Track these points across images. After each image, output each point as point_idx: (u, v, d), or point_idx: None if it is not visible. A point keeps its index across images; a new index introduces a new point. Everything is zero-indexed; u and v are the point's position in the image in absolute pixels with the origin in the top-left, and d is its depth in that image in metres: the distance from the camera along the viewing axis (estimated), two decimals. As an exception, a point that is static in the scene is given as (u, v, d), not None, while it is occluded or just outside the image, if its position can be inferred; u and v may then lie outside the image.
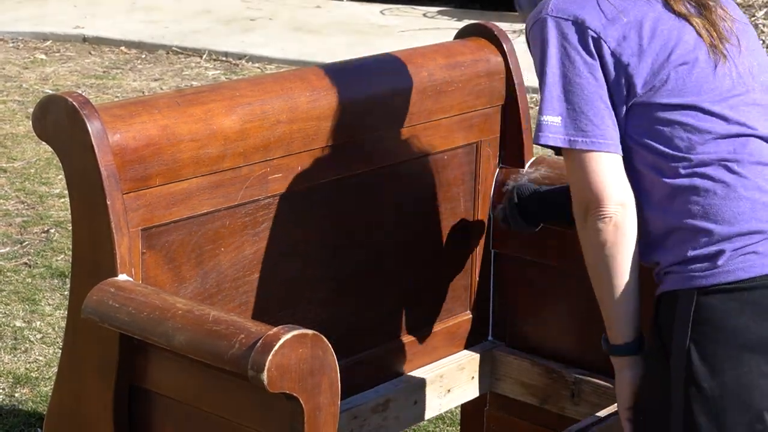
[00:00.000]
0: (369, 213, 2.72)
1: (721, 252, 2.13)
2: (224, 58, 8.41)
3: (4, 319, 4.33)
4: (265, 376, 1.94)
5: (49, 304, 4.46)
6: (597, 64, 2.18)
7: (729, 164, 2.14)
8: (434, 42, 3.04)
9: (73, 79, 7.83)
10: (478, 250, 2.96)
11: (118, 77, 7.89)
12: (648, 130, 2.18)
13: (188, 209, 2.37)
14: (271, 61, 8.33)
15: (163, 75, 7.99)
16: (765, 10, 8.86)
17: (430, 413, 2.94)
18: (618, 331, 2.24)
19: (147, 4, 9.86)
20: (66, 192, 3.84)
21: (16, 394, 3.85)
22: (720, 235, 2.13)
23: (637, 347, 2.25)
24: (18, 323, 4.30)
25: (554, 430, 2.92)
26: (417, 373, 2.89)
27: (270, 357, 1.94)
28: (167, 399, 2.23)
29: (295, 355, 1.98)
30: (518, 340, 3.00)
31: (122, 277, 2.23)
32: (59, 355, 3.50)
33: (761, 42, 8.59)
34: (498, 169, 2.95)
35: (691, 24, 2.21)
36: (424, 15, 9.71)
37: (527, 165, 2.94)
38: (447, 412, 3.69)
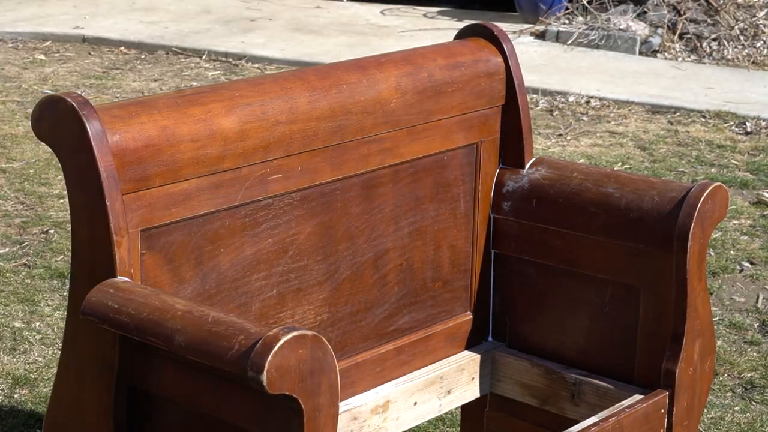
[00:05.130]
0: (369, 213, 2.72)
1: None
2: (224, 59, 8.41)
3: (3, 320, 4.32)
4: (264, 377, 1.94)
5: (49, 305, 4.46)
6: None
7: None
8: (434, 42, 3.04)
9: (72, 79, 7.83)
10: (478, 251, 2.96)
11: (117, 78, 7.89)
12: None
13: (188, 210, 2.37)
14: (270, 61, 8.33)
15: (162, 75, 7.99)
16: (766, 10, 8.85)
17: (430, 414, 2.94)
18: None
19: (147, 5, 9.86)
20: (65, 193, 3.84)
21: (15, 395, 3.85)
22: None
23: None
24: (17, 324, 4.30)
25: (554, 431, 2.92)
26: (417, 374, 2.89)
27: (269, 358, 1.94)
28: (166, 400, 2.22)
29: (295, 356, 1.98)
30: (518, 340, 3.00)
31: (121, 278, 2.23)
32: (58, 356, 3.50)
33: (762, 43, 8.58)
34: (498, 170, 2.95)
35: None
36: (425, 15, 9.71)
37: (527, 165, 2.94)
38: (447, 413, 3.69)
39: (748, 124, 6.98)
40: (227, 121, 2.41)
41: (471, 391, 3.01)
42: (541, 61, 8.23)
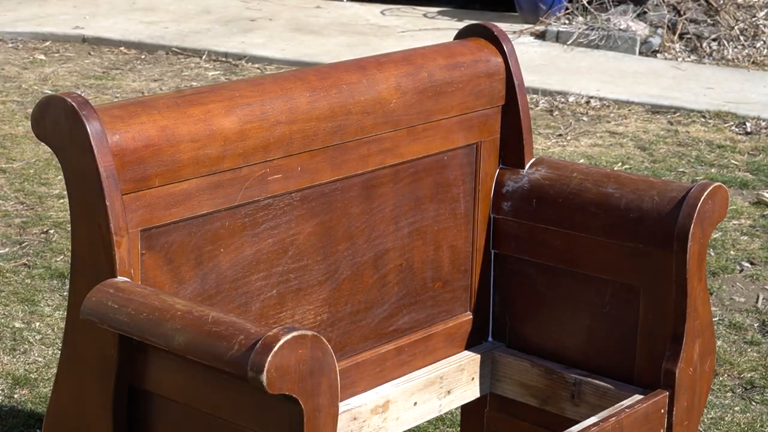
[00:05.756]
0: (369, 213, 2.72)
1: None
2: (224, 59, 8.41)
3: (3, 320, 4.32)
4: (264, 377, 1.94)
5: (49, 305, 4.46)
6: None
7: None
8: (434, 42, 3.04)
9: (72, 79, 7.83)
10: (478, 251, 2.96)
11: (117, 78, 7.89)
12: None
13: (188, 210, 2.37)
14: (270, 61, 8.33)
15: (162, 75, 7.99)
16: (766, 10, 8.85)
17: (430, 414, 2.94)
18: None
19: (147, 5, 9.86)
20: (65, 193, 3.84)
21: (15, 395, 3.85)
22: None
23: None
24: (17, 324, 4.30)
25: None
26: (417, 374, 2.89)
27: (269, 358, 1.94)
28: (166, 400, 2.22)
29: (295, 356, 1.98)
30: (518, 341, 3.00)
31: (121, 278, 2.23)
32: (58, 356, 3.50)
33: (762, 43, 8.58)
34: (498, 170, 2.95)
35: None
36: (425, 15, 9.71)
37: (527, 166, 2.94)
38: (447, 413, 3.69)
39: (748, 124, 6.98)
40: (227, 121, 2.41)
41: (471, 391, 3.01)
42: (541, 61, 8.23)
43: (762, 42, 8.60)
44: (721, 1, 8.81)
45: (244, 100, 2.46)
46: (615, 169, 5.01)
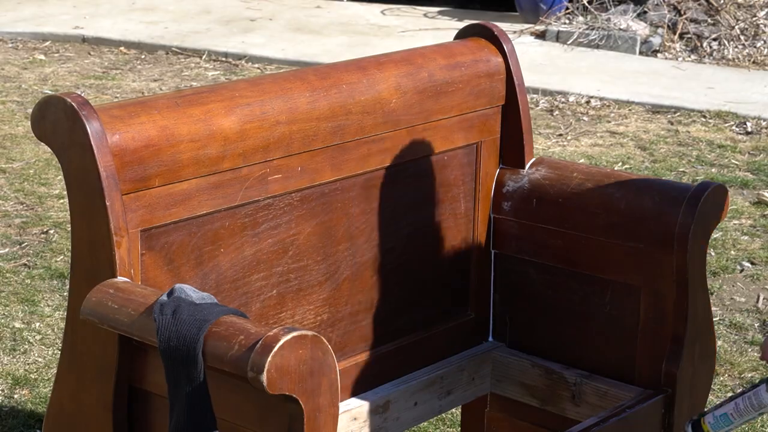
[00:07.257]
0: (369, 213, 2.72)
1: None
2: (224, 59, 8.40)
3: (3, 320, 4.32)
4: (264, 377, 1.94)
5: (49, 306, 4.45)
6: None
7: None
8: (434, 42, 3.04)
9: (72, 79, 7.82)
10: (478, 251, 2.96)
11: (117, 78, 7.88)
12: None
13: (188, 210, 2.36)
14: (270, 61, 8.33)
15: (162, 75, 7.98)
16: (766, 10, 8.85)
17: (430, 415, 2.94)
18: None
19: (146, 5, 9.86)
20: (65, 193, 3.83)
21: (15, 396, 3.84)
22: None
23: None
24: (17, 324, 4.30)
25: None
26: (417, 374, 2.89)
27: (269, 358, 1.94)
28: (166, 400, 2.22)
29: (295, 356, 1.98)
30: (519, 341, 3.00)
31: (121, 278, 2.23)
32: (58, 356, 3.50)
33: (762, 42, 8.58)
34: (498, 170, 2.95)
35: None
36: (425, 15, 9.71)
37: (527, 165, 2.93)
38: (447, 413, 3.69)
39: (748, 124, 6.97)
40: (227, 121, 2.41)
41: (471, 391, 3.01)
42: (541, 61, 8.23)
43: (762, 42, 8.60)
44: (722, 1, 8.80)
45: (244, 100, 2.46)
46: (615, 169, 5.01)
